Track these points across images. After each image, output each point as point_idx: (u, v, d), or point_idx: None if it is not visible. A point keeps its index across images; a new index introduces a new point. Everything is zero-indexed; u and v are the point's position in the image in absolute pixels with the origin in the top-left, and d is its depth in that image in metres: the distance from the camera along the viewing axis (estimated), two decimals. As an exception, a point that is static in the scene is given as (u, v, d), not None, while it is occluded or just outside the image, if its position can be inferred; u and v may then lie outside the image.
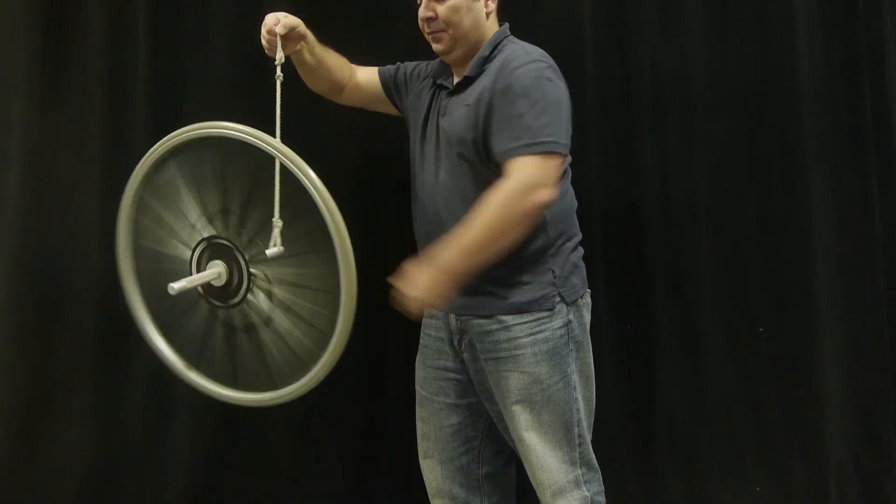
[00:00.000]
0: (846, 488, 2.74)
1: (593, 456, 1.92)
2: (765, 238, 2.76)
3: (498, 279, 1.84)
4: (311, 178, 1.53)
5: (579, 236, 1.94)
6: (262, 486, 2.63)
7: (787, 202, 2.76)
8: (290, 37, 1.87)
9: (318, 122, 2.47)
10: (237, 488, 2.63)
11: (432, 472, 2.03)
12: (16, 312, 2.52)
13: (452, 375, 1.99)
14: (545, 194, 1.71)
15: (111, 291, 2.57)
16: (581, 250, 1.94)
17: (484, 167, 1.82)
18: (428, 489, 2.05)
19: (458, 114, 1.87)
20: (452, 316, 1.93)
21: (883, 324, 2.80)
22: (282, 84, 1.75)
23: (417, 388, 2.06)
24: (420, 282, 1.67)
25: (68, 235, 2.53)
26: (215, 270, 1.67)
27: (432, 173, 1.90)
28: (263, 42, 1.87)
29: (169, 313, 1.78)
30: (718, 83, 2.73)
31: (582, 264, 1.94)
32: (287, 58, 1.90)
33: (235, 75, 2.55)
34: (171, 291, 1.61)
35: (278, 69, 1.78)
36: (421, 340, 2.07)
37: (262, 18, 1.88)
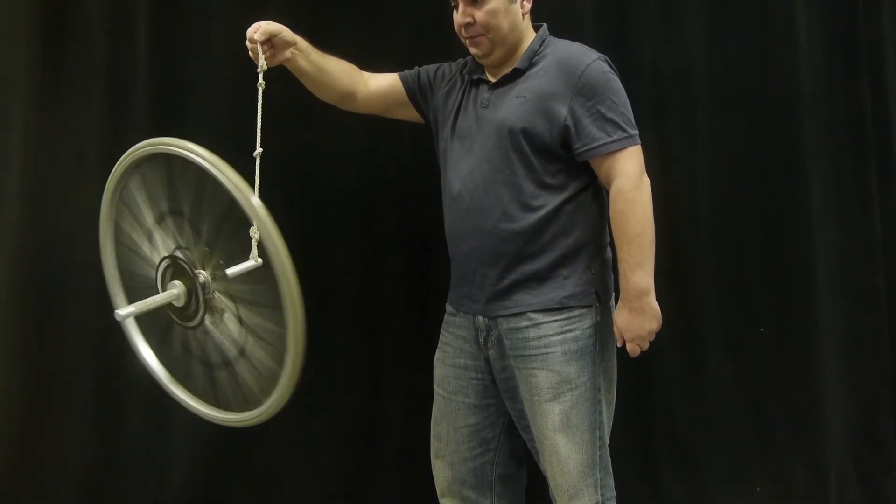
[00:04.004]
0: (846, 488, 2.74)
1: (609, 460, 1.92)
2: (765, 237, 2.76)
3: (536, 274, 1.84)
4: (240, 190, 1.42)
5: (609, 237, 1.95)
6: (261, 486, 2.63)
7: (788, 202, 2.76)
8: (274, 44, 1.85)
9: (313, 127, 2.48)
10: (237, 488, 2.63)
11: (443, 472, 2.03)
12: (16, 312, 2.52)
13: (473, 375, 1.97)
14: (647, 179, 1.84)
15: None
16: (610, 250, 1.94)
17: (530, 155, 1.84)
18: (437, 488, 2.05)
19: (508, 105, 1.87)
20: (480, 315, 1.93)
21: (883, 324, 2.81)
22: (263, 92, 1.74)
23: (435, 386, 2.04)
24: (638, 322, 1.81)
25: (68, 235, 2.52)
26: (171, 293, 1.58)
27: (468, 164, 1.90)
28: (249, 52, 1.85)
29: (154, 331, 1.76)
30: (719, 83, 2.73)
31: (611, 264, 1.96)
32: (281, 67, 1.89)
33: (235, 76, 2.54)
34: (117, 317, 1.56)
35: (259, 77, 1.78)
36: (441, 338, 2.05)
37: (264, 19, 1.87)
